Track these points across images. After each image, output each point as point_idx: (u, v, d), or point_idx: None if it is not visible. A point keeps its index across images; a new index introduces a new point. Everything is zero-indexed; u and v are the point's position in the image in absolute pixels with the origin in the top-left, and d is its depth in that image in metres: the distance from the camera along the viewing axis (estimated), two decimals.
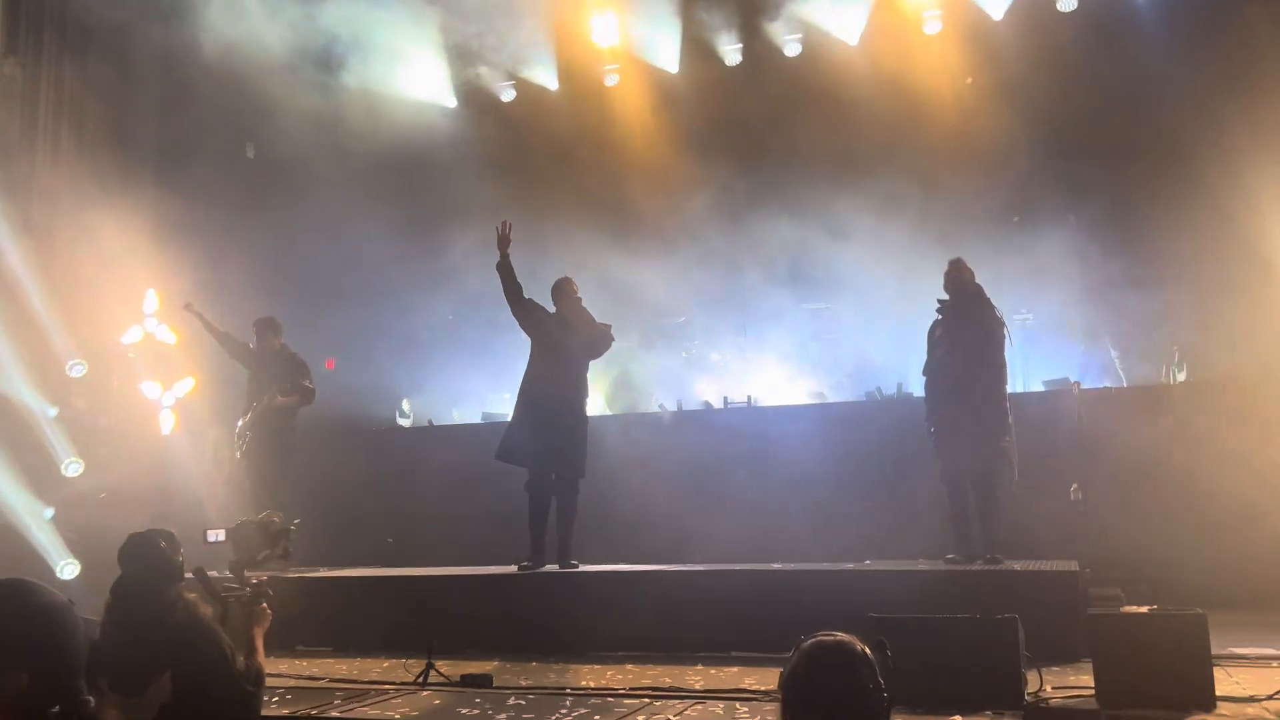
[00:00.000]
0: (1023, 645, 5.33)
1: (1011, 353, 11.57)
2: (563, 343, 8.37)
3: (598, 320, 8.53)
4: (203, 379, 10.96)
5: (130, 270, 10.82)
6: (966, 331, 7.67)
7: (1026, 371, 11.60)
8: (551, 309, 8.53)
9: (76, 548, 9.92)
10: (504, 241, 8.29)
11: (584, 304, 8.54)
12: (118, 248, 10.66)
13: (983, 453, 7.42)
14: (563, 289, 8.51)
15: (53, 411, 10.59)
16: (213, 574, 4.35)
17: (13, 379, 10.34)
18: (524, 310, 8.44)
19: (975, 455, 7.44)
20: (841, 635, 2.55)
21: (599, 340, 8.49)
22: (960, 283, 7.83)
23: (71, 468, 10.38)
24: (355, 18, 12.52)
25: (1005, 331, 7.81)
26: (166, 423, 10.92)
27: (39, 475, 10.34)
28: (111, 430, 10.77)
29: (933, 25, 12.60)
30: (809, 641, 2.54)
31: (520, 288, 8.38)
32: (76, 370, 10.68)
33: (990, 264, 10.96)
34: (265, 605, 4.14)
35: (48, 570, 9.65)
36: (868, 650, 2.49)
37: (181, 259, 10.77)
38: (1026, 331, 11.73)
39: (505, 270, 8.35)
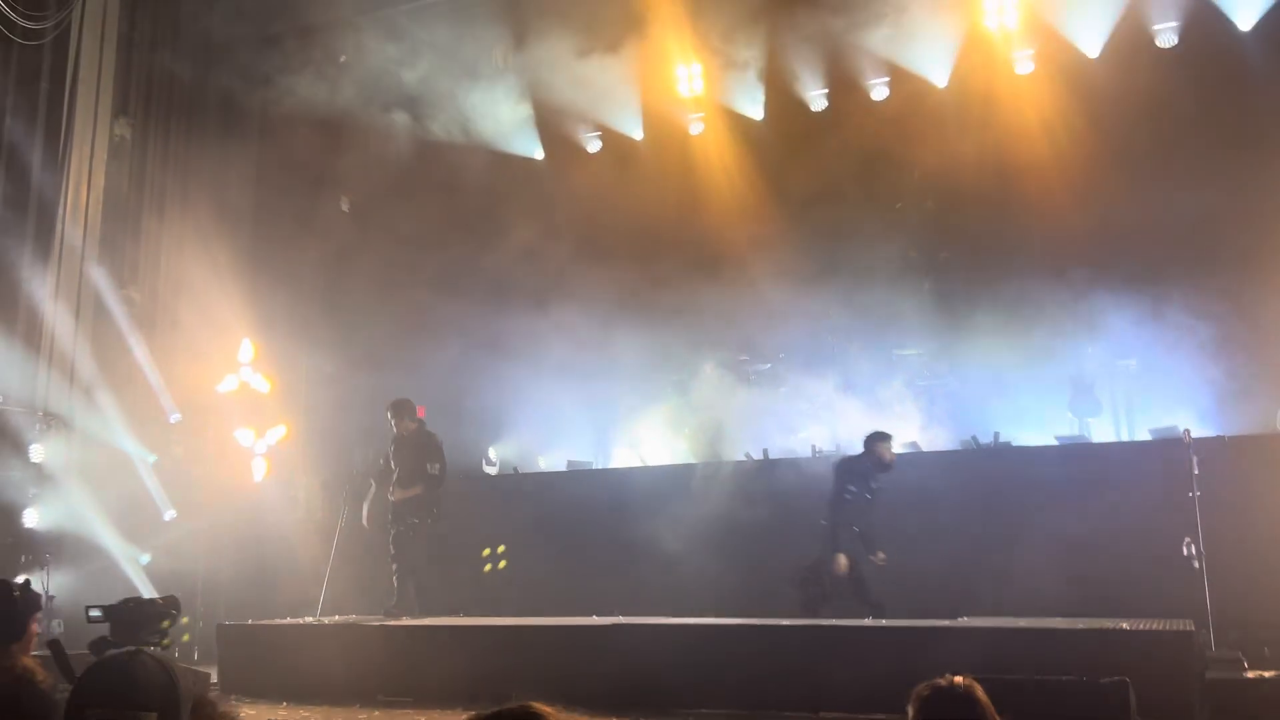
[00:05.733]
0: (1134, 710, 4.99)
1: (1114, 399, 11.30)
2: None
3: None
4: (295, 427, 11.15)
5: (227, 321, 11.12)
6: None
7: (1131, 419, 11.12)
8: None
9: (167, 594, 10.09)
10: None
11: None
12: (216, 299, 10.98)
13: None
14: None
15: (152, 459, 10.88)
16: None
17: (115, 427, 10.68)
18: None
19: None
20: (960, 679, 2.66)
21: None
22: None
23: (168, 514, 10.62)
24: (445, 73, 12.82)
25: None
26: (259, 470, 11.11)
27: (139, 521, 10.61)
28: (206, 477, 11.02)
29: (1024, 65, 12.29)
30: (927, 687, 2.64)
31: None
32: (174, 418, 10.97)
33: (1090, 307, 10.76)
34: None
35: None
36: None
37: (276, 310, 11.02)
38: (1130, 377, 11.30)
39: None
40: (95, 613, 4.10)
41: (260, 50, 12.57)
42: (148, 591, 10.02)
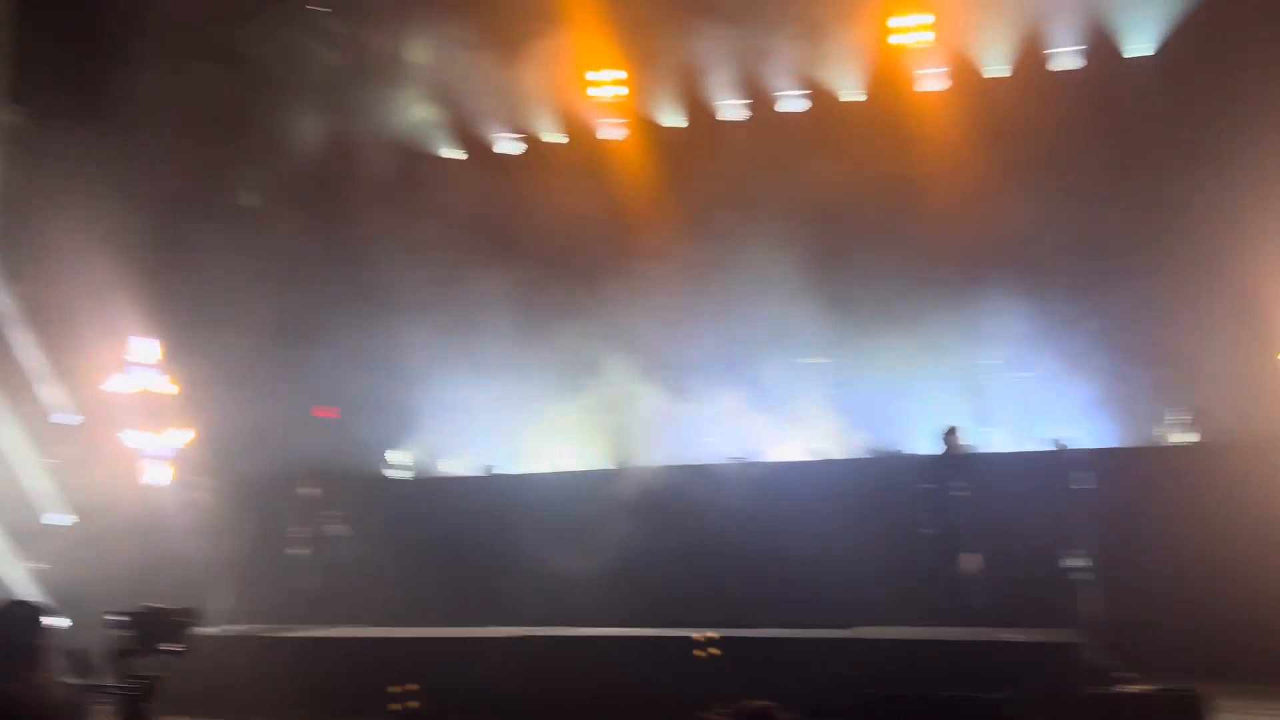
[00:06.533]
0: None
1: (1011, 409, 11.64)
2: None
3: None
4: (199, 430, 10.88)
5: (126, 320, 10.81)
6: None
7: (1028, 429, 11.47)
8: None
9: (61, 603, 9.77)
10: None
11: None
12: (116, 297, 10.65)
13: None
14: None
15: (46, 461, 10.53)
16: None
17: (4, 428, 10.29)
18: None
19: None
20: (758, 704, 2.81)
21: None
22: None
23: (59, 519, 10.28)
24: (360, 70, 12.63)
25: None
26: (162, 474, 10.82)
27: (28, 525, 10.26)
28: (103, 481, 10.67)
29: (935, 83, 12.65)
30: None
31: None
32: (67, 420, 10.62)
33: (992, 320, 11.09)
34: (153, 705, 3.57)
35: None
36: None
37: (172, 307, 10.76)
38: (1027, 388, 11.65)
39: None
40: (116, 618, 4.09)
41: (166, 40, 12.20)
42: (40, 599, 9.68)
